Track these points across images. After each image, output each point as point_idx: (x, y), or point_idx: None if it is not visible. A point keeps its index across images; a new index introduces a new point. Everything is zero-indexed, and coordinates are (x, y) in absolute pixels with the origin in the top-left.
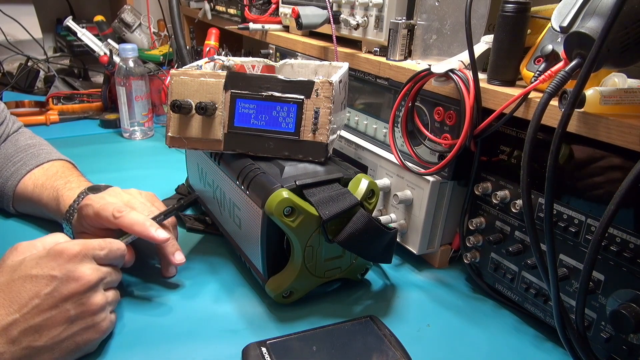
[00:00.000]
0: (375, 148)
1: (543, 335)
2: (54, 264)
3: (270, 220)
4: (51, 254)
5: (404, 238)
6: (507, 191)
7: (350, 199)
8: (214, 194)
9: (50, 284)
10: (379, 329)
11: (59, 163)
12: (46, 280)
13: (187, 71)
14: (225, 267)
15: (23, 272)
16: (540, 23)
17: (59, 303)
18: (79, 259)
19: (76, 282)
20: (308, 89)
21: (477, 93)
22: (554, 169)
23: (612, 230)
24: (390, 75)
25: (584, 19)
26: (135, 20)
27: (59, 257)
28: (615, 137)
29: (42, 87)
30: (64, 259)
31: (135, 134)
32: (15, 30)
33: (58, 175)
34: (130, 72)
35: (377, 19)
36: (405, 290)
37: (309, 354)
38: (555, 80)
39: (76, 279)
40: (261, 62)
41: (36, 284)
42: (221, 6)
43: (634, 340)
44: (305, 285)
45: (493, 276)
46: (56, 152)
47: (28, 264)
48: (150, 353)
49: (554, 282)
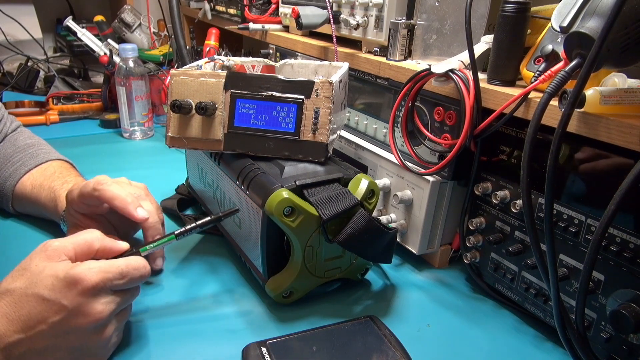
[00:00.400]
0: (375, 148)
1: (543, 335)
2: (68, 292)
3: (270, 220)
4: (67, 280)
5: (404, 238)
6: (507, 191)
7: (350, 199)
8: (214, 194)
9: (59, 313)
10: (379, 329)
11: (57, 163)
12: (56, 308)
13: (187, 71)
14: (225, 267)
15: (37, 289)
16: (540, 23)
17: (64, 334)
18: (93, 293)
19: (85, 317)
20: (308, 89)
21: (477, 93)
22: (554, 169)
23: (612, 230)
24: (390, 75)
25: (584, 19)
26: (135, 20)
27: (74, 286)
28: (615, 137)
29: (42, 87)
30: (78, 290)
31: (135, 134)
32: (15, 30)
33: (55, 175)
34: (130, 72)
35: (377, 19)
36: (405, 290)
37: (309, 354)
38: (555, 80)
39: (85, 315)
40: (261, 62)
41: (46, 308)
42: (221, 6)
43: (634, 340)
44: (305, 285)
45: (493, 276)
46: (55, 152)
47: (44, 281)
48: (150, 353)
49: (554, 282)
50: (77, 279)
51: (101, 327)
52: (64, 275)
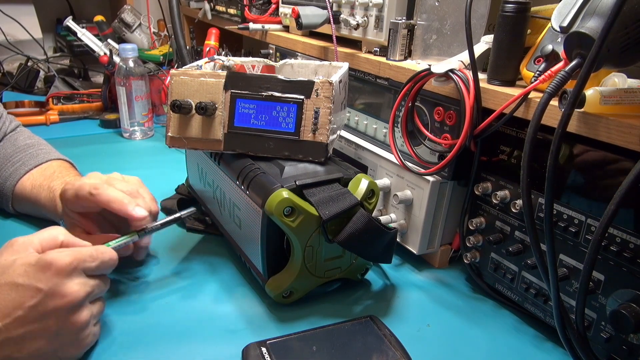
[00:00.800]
0: (375, 148)
1: (543, 335)
2: (42, 275)
3: (270, 220)
4: (40, 264)
5: (404, 238)
6: (507, 191)
7: (350, 199)
8: (214, 194)
9: (35, 297)
10: (379, 329)
11: (57, 163)
12: (32, 292)
13: (187, 71)
14: (225, 267)
15: (10, 278)
16: (540, 23)
17: (42, 317)
18: (67, 273)
19: (62, 298)
20: (308, 89)
21: (477, 93)
22: (554, 169)
23: (612, 230)
24: (390, 75)
25: (584, 19)
26: (135, 20)
27: (48, 269)
28: (615, 137)
29: (42, 87)
30: (52, 271)
31: (135, 134)
32: (15, 30)
33: (55, 175)
34: (130, 72)
35: (377, 19)
36: (405, 290)
37: (309, 354)
38: (555, 80)
39: (62, 296)
40: (261, 62)
41: (21, 294)
42: (221, 6)
43: (634, 340)
44: (305, 285)
45: (493, 276)
46: (55, 152)
47: (17, 270)
48: (150, 353)
49: (554, 282)
50: (49, 262)
51: (78, 308)
52: (36, 260)
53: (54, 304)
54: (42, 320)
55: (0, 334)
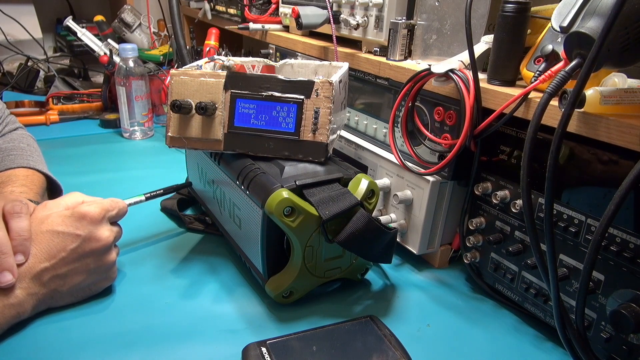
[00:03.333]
0: (375, 148)
1: (543, 335)
2: (79, 224)
3: (270, 220)
4: (76, 215)
5: (404, 238)
6: (507, 191)
7: (350, 199)
8: (214, 194)
9: (75, 241)
10: (379, 329)
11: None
12: (72, 238)
13: (187, 71)
14: (225, 267)
15: (50, 226)
16: (540, 23)
17: (82, 257)
18: (98, 221)
19: (97, 242)
20: (308, 89)
21: (477, 93)
22: (554, 169)
23: (612, 230)
24: (390, 75)
25: (584, 19)
26: (135, 20)
27: (83, 219)
28: (615, 137)
29: (42, 87)
30: (87, 220)
31: (135, 134)
32: (15, 30)
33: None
34: (130, 72)
35: (377, 19)
36: (405, 290)
37: (309, 354)
38: (555, 80)
39: (97, 240)
40: (261, 62)
41: (63, 239)
42: (221, 6)
43: (634, 340)
44: (305, 285)
45: (493, 276)
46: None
47: (55, 220)
48: (150, 353)
49: (554, 282)
50: (84, 213)
51: (109, 250)
52: (71, 213)
53: (90, 246)
54: (81, 260)
55: (48, 272)
